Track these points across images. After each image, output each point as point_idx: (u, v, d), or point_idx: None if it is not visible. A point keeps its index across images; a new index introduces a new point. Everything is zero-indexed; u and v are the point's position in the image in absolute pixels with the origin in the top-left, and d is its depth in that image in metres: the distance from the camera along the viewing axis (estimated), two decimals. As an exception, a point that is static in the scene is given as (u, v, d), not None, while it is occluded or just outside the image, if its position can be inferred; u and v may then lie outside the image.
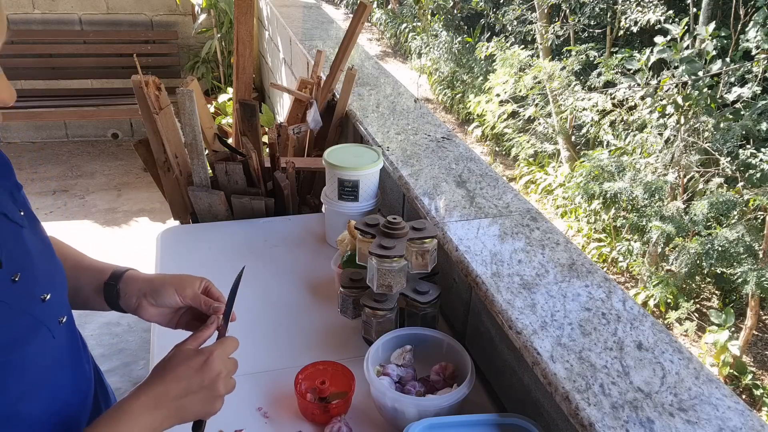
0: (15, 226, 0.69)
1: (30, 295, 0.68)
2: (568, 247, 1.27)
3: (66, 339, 0.77)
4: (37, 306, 0.69)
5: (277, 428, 1.08)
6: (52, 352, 0.72)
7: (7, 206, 0.70)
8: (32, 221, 0.75)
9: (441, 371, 1.14)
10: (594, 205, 5.65)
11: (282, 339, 1.32)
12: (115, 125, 4.95)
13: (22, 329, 0.66)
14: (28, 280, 0.68)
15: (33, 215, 0.76)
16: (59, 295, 0.75)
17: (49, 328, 0.71)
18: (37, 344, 0.68)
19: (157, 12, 4.70)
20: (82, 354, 0.82)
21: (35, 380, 0.69)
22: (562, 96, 6.69)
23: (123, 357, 2.69)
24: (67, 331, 0.77)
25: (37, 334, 0.68)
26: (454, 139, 1.85)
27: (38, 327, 0.69)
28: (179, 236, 1.72)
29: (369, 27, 12.18)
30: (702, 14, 5.62)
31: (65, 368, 0.76)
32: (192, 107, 1.69)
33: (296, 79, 2.84)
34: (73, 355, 0.79)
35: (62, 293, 0.77)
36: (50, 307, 0.71)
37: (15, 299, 0.65)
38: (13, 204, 0.72)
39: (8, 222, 0.69)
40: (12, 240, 0.68)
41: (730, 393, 0.89)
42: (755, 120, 5.25)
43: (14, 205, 0.71)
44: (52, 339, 0.71)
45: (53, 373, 0.73)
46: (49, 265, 0.75)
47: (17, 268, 0.66)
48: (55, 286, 0.74)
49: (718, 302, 5.62)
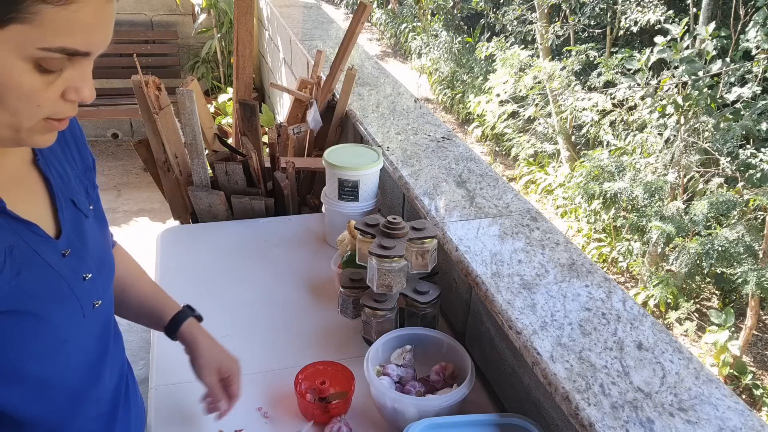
0: (80, 214, 0.78)
1: (74, 271, 0.74)
2: (568, 247, 1.27)
3: (96, 324, 0.80)
4: (77, 282, 0.74)
5: (277, 428, 1.08)
6: (78, 329, 0.76)
7: (78, 196, 0.78)
8: (99, 218, 0.84)
9: (441, 371, 1.14)
10: (594, 205, 5.64)
11: (282, 339, 1.32)
12: (115, 125, 4.95)
13: (57, 294, 0.72)
14: (76, 258, 0.75)
15: (102, 214, 0.85)
16: (101, 280, 0.80)
17: (82, 305, 0.75)
18: (66, 314, 0.73)
19: (157, 12, 4.69)
20: (109, 347, 0.85)
21: (53, 347, 0.73)
22: (562, 96, 6.69)
23: (123, 357, 2.69)
24: (100, 318, 0.81)
25: (69, 306, 0.74)
26: (454, 139, 1.85)
27: (72, 300, 0.74)
28: (179, 236, 1.72)
29: (369, 27, 12.17)
30: (702, 14, 5.61)
31: (87, 351, 0.79)
32: (192, 107, 1.69)
33: (296, 79, 2.84)
34: (100, 343, 0.82)
35: (105, 281, 0.83)
36: (88, 288, 0.76)
37: (61, 268, 0.72)
38: (86, 198, 0.80)
39: (75, 209, 0.77)
40: (74, 223, 0.76)
41: (730, 393, 0.89)
42: (755, 120, 5.24)
43: (86, 200, 0.80)
44: (82, 317, 0.76)
45: (74, 349, 0.76)
46: (101, 254, 0.82)
47: (70, 245, 0.74)
48: (101, 272, 0.80)
49: (718, 302, 5.62)
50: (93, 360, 0.81)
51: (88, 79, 0.65)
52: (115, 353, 0.87)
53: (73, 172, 0.80)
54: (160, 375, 1.20)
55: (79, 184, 0.80)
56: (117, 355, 0.89)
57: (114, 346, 0.87)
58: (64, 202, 0.75)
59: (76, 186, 0.79)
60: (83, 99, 0.64)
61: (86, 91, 0.64)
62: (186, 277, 1.52)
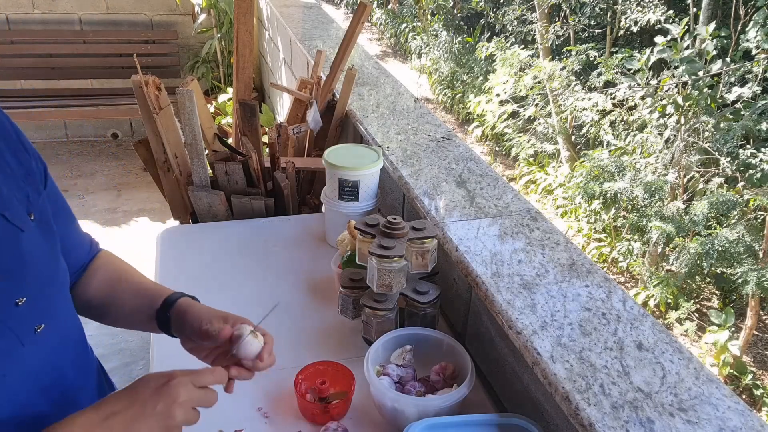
0: (13, 228, 0.69)
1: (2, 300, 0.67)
2: (568, 247, 1.27)
3: (45, 347, 0.73)
4: (7, 310, 0.67)
5: (277, 428, 1.08)
6: (18, 360, 0.69)
7: (11, 208, 0.69)
8: (44, 227, 0.75)
9: (441, 371, 1.14)
10: (594, 205, 5.64)
11: (282, 339, 1.31)
12: (115, 125, 4.95)
13: None
14: (5, 284, 0.67)
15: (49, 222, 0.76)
16: (44, 300, 0.73)
17: (17, 334, 0.68)
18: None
19: (157, 12, 4.69)
20: (71, 363, 0.79)
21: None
22: (562, 96, 6.69)
23: (123, 357, 2.69)
24: (49, 340, 0.74)
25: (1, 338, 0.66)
26: (454, 139, 1.85)
27: (2, 330, 0.66)
28: (179, 236, 1.72)
29: (369, 27, 12.17)
30: (702, 14, 5.61)
31: (38, 377, 0.73)
32: (192, 107, 1.69)
33: (296, 79, 2.84)
34: (53, 367, 0.75)
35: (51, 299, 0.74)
36: (25, 313, 0.69)
37: None
38: (24, 207, 0.72)
39: (6, 223, 0.68)
40: (3, 241, 0.68)
41: (730, 393, 0.89)
42: (755, 120, 5.24)
43: (24, 209, 0.71)
44: (20, 346, 0.69)
45: (13, 381, 0.69)
46: (44, 270, 0.74)
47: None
48: (43, 291, 0.72)
49: (718, 302, 5.62)
50: (49, 384, 0.74)
51: None
52: (83, 367, 0.82)
53: (5, 181, 0.70)
54: (160, 375, 1.19)
55: (16, 191, 0.71)
56: (86, 368, 0.84)
57: (80, 360, 0.82)
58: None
59: (8, 196, 0.70)
60: None
61: None
62: (186, 277, 1.52)
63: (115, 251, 1.01)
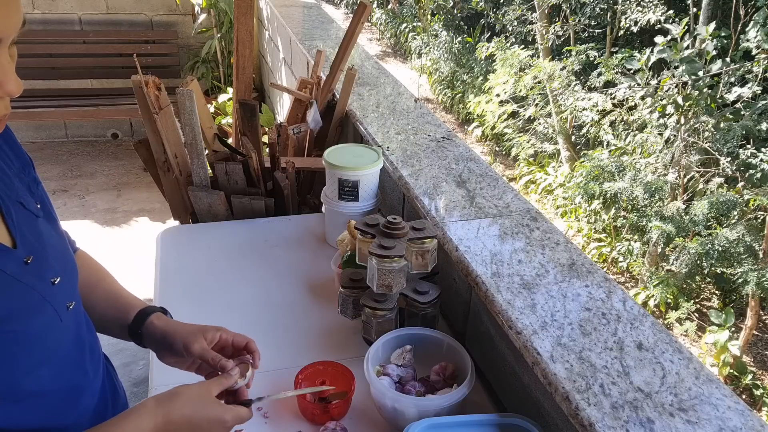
0: (31, 215, 0.74)
1: (41, 277, 0.71)
2: (568, 247, 1.27)
3: (73, 324, 0.78)
4: (47, 288, 0.72)
5: (277, 428, 1.08)
6: (58, 334, 0.74)
7: (24, 196, 0.74)
8: (48, 215, 0.79)
9: (441, 371, 1.14)
10: (594, 205, 5.65)
11: (282, 339, 1.32)
12: (115, 125, 4.95)
13: (31, 305, 0.69)
14: (40, 264, 0.71)
15: (50, 210, 0.80)
16: (69, 281, 0.78)
17: (57, 309, 0.73)
18: (44, 322, 0.71)
19: (157, 12, 4.69)
20: (87, 342, 0.83)
21: (41, 357, 0.71)
22: (562, 96, 6.69)
23: (123, 357, 2.69)
24: (75, 318, 0.79)
25: (45, 313, 0.71)
26: (454, 139, 1.85)
27: (46, 307, 0.71)
28: (179, 236, 1.72)
29: (369, 27, 12.17)
30: (702, 14, 5.61)
31: (71, 352, 0.78)
32: (192, 107, 1.69)
33: (296, 79, 2.84)
34: (79, 342, 0.80)
35: (72, 281, 0.80)
36: (59, 291, 0.74)
37: (27, 278, 0.69)
38: (30, 197, 0.76)
39: (24, 210, 0.73)
40: (27, 226, 0.72)
41: (730, 393, 0.89)
42: (755, 120, 5.24)
43: (31, 198, 0.76)
44: (59, 321, 0.74)
45: (59, 354, 0.74)
46: (62, 253, 0.78)
47: (30, 251, 0.70)
48: (66, 273, 0.77)
49: (718, 302, 5.62)
50: (76, 359, 0.79)
51: (7, 70, 0.60)
52: (94, 346, 0.86)
53: (12, 172, 0.74)
54: (160, 375, 1.19)
55: (21, 184, 0.75)
56: (96, 348, 0.87)
57: (92, 339, 0.86)
58: (11, 206, 0.71)
59: (19, 186, 0.74)
60: (9, 93, 0.60)
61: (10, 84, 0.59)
62: (186, 277, 1.52)
63: (115, 251, 1.01)
